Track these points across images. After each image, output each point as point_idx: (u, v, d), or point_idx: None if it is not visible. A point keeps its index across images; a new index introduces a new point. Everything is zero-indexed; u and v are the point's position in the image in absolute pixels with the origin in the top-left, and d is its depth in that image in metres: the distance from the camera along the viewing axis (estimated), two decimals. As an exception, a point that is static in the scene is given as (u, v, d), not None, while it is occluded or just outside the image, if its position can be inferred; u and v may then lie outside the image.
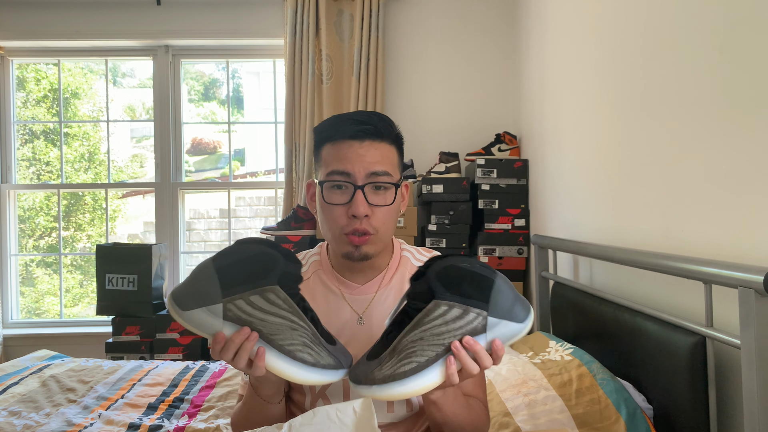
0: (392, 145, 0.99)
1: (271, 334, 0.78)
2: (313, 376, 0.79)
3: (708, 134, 1.33)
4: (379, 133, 0.96)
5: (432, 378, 0.79)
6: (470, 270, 0.80)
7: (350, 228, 0.94)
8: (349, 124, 0.95)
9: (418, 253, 1.11)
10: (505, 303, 0.80)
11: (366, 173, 0.93)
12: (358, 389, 0.80)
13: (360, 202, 0.92)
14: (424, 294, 0.81)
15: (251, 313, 0.77)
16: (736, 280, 1.08)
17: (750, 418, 1.06)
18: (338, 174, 0.94)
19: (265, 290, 0.77)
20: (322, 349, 0.81)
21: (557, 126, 2.39)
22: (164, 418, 1.67)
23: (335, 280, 1.04)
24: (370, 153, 0.94)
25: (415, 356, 0.78)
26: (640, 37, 1.66)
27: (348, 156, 0.94)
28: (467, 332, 0.79)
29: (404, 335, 0.80)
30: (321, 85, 3.02)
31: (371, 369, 0.80)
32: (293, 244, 2.72)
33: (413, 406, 1.04)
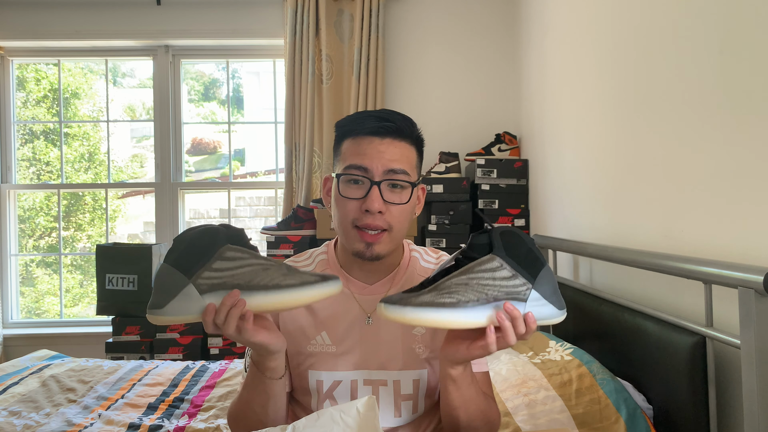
0: (412, 146, 0.98)
1: (249, 281, 0.80)
2: (306, 293, 0.81)
3: (708, 134, 1.33)
4: (400, 131, 0.95)
5: (468, 317, 0.80)
6: (528, 245, 0.84)
7: (362, 222, 0.93)
8: (371, 120, 0.95)
9: (426, 254, 1.10)
10: (548, 287, 0.85)
11: (384, 170, 0.93)
12: (389, 309, 0.80)
13: (375, 198, 0.92)
14: (483, 248, 0.83)
15: (220, 276, 0.79)
16: (736, 280, 1.08)
17: (750, 418, 1.06)
18: (356, 168, 0.93)
19: (220, 252, 0.80)
20: (303, 273, 0.83)
21: (557, 126, 2.39)
22: (164, 418, 1.67)
23: (344, 279, 1.03)
24: (390, 150, 0.94)
25: (457, 294, 0.80)
26: (640, 37, 1.66)
27: (367, 151, 0.93)
28: (510, 294, 0.82)
29: (451, 277, 0.81)
30: (321, 85, 3.02)
31: (407, 296, 0.81)
32: (293, 244, 2.72)
33: (419, 408, 1.04)
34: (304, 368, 1.01)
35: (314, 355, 1.00)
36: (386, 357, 1.00)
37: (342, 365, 1.00)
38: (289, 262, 1.08)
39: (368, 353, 1.00)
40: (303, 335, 1.01)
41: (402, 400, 1.02)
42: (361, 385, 1.01)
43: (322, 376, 1.00)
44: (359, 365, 1.00)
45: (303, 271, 0.83)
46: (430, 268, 1.07)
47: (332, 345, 1.00)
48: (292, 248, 2.72)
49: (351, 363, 1.00)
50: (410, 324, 0.80)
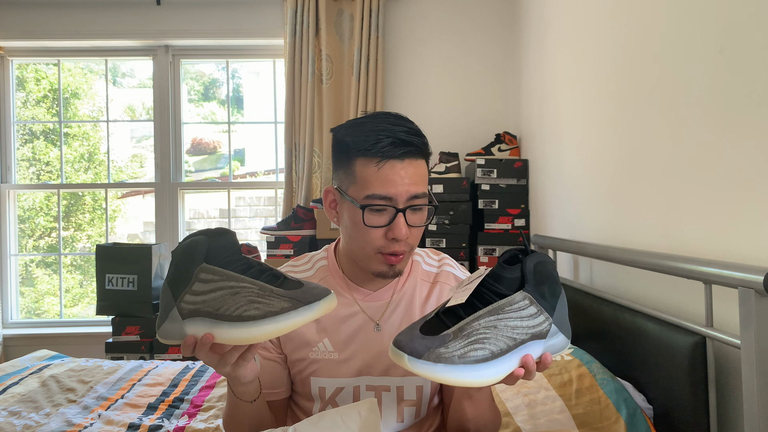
0: (424, 159, 0.95)
1: (216, 310, 0.75)
2: (267, 328, 0.74)
3: (708, 134, 1.33)
4: (418, 151, 0.92)
5: (501, 370, 0.74)
6: (553, 273, 0.79)
7: (389, 249, 0.91)
8: (389, 142, 0.89)
9: (428, 257, 1.09)
10: (563, 315, 0.80)
11: (408, 197, 0.90)
12: (414, 363, 0.71)
13: (402, 226, 0.90)
14: (513, 281, 0.77)
15: (195, 300, 0.76)
16: (736, 280, 1.08)
17: (750, 418, 1.06)
18: (380, 198, 0.89)
19: (197, 274, 0.77)
20: (273, 298, 0.75)
21: (557, 126, 2.39)
22: (164, 418, 1.67)
23: (346, 287, 1.02)
24: (410, 174, 0.90)
25: (488, 343, 0.73)
26: (640, 36, 1.66)
27: (391, 179, 0.89)
28: (535, 334, 0.77)
29: (475, 318, 0.74)
30: (321, 85, 3.02)
31: (434, 345, 0.72)
32: (293, 244, 2.72)
33: (421, 412, 1.03)
34: (306, 375, 1.01)
35: (316, 362, 0.99)
36: (389, 363, 0.99)
37: (344, 372, 0.99)
38: (286, 267, 1.07)
39: (372, 359, 0.99)
40: (305, 342, 1.00)
41: (405, 405, 1.01)
42: (363, 391, 1.00)
43: (324, 382, 1.00)
44: (362, 371, 0.99)
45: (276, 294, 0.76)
46: (432, 271, 1.07)
47: (334, 352, 0.99)
48: (292, 248, 2.72)
49: (354, 369, 0.99)
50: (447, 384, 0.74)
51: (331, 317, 1.00)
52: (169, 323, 0.78)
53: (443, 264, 1.08)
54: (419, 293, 1.03)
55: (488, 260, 2.71)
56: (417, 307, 1.02)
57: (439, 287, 1.05)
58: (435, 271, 1.07)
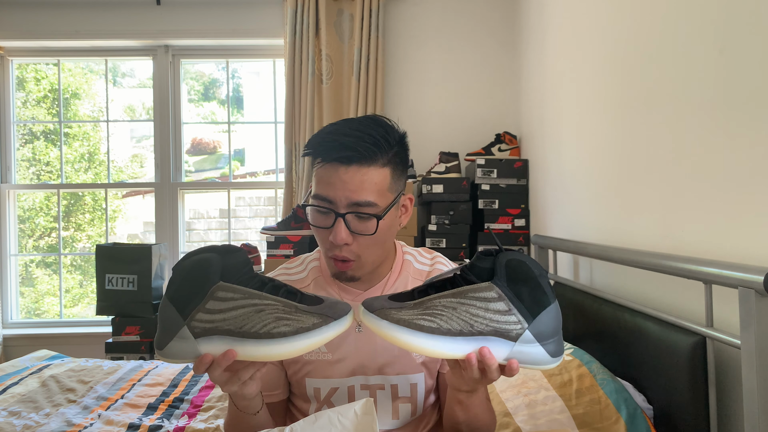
0: (385, 167, 0.91)
1: (240, 328, 0.74)
2: (300, 344, 0.75)
3: (708, 134, 1.33)
4: (367, 157, 0.88)
5: (442, 348, 0.74)
6: (537, 279, 0.77)
7: (332, 252, 0.92)
8: (335, 146, 0.88)
9: (420, 255, 1.09)
10: (547, 329, 0.77)
11: (347, 202, 0.88)
12: (366, 316, 0.76)
13: (340, 231, 0.88)
14: (484, 272, 0.77)
15: (212, 319, 0.74)
16: (736, 280, 1.08)
17: (750, 418, 1.06)
18: (321, 199, 0.90)
19: (213, 291, 0.75)
20: (301, 314, 0.76)
21: (557, 126, 2.39)
22: (164, 418, 1.67)
23: (336, 287, 1.02)
24: (354, 180, 0.87)
25: (439, 319, 0.74)
26: (640, 37, 1.66)
27: (331, 182, 0.88)
28: (498, 331, 0.76)
29: (439, 297, 0.76)
30: (321, 85, 3.02)
31: (389, 306, 0.76)
32: (293, 244, 2.72)
33: (417, 409, 1.03)
34: (300, 376, 1.01)
35: (311, 363, 1.00)
36: (383, 362, 0.99)
37: (338, 372, 0.99)
38: (280, 270, 1.07)
39: (364, 359, 0.99)
40: None
41: (400, 403, 1.02)
42: (358, 390, 1.00)
43: (319, 383, 1.00)
44: (356, 371, 1.00)
45: (301, 312, 0.76)
46: (425, 269, 1.06)
47: (328, 353, 1.00)
48: (292, 248, 2.71)
49: (347, 369, 1.00)
50: (385, 339, 0.76)
51: None
52: (178, 342, 0.75)
53: (435, 262, 1.08)
54: None
55: (488, 260, 2.71)
56: None
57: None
58: (427, 269, 1.06)
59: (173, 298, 0.76)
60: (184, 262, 0.77)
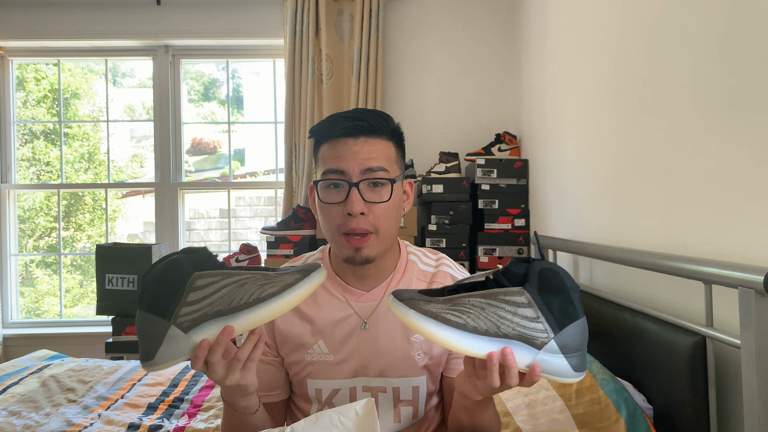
0: (389, 141, 0.96)
1: (229, 304, 0.76)
2: (290, 298, 0.77)
3: (708, 134, 1.33)
4: (373, 128, 0.93)
5: (465, 344, 0.75)
6: (568, 292, 0.77)
7: (347, 227, 0.91)
8: (342, 121, 0.93)
9: (425, 256, 1.08)
10: (573, 343, 0.77)
11: (360, 170, 0.91)
12: (395, 305, 0.78)
13: (356, 200, 0.90)
14: (517, 277, 0.78)
15: (198, 308, 0.76)
16: (736, 280, 1.08)
17: (750, 418, 1.06)
18: (333, 173, 0.92)
19: (190, 284, 0.76)
20: (281, 275, 0.79)
21: (557, 126, 2.39)
22: (164, 418, 1.67)
23: (339, 287, 1.02)
24: (365, 149, 0.92)
25: (467, 316, 0.76)
26: (640, 36, 1.66)
27: (342, 153, 0.92)
28: (524, 336, 0.76)
29: (469, 296, 0.77)
30: (321, 85, 3.02)
31: (419, 298, 0.78)
32: (293, 244, 2.72)
33: (419, 412, 1.03)
34: (302, 377, 1.01)
35: (312, 364, 0.99)
36: (385, 364, 0.99)
37: (340, 373, 0.99)
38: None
39: (367, 360, 0.99)
40: (300, 344, 1.00)
41: (402, 406, 1.01)
42: (360, 392, 1.00)
43: (320, 384, 1.00)
44: (358, 373, 0.99)
45: (281, 271, 0.80)
46: (430, 271, 1.05)
47: (330, 354, 0.99)
48: (292, 248, 2.72)
49: (349, 371, 0.99)
50: (410, 327, 0.77)
51: (326, 319, 1.00)
52: (168, 344, 0.75)
53: (440, 264, 1.07)
54: None
55: (488, 260, 2.71)
56: None
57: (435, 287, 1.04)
58: (432, 271, 1.06)
59: (150, 307, 0.76)
60: (151, 271, 0.78)
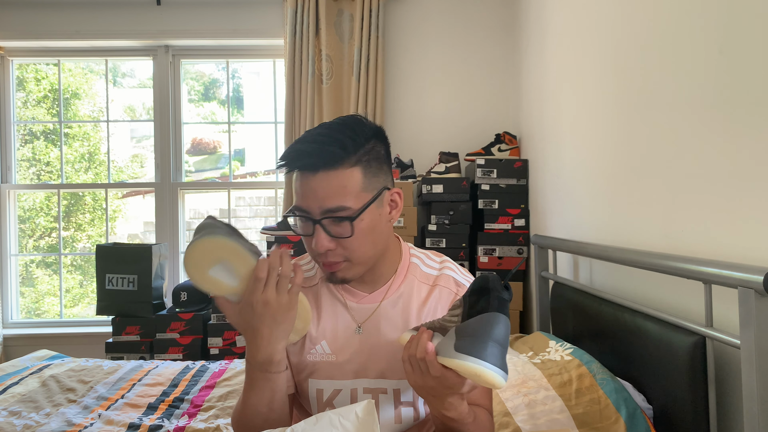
0: (354, 167, 0.89)
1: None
2: None
3: (708, 134, 1.33)
4: (330, 162, 0.88)
5: None
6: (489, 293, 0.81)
7: (318, 259, 0.94)
8: (298, 155, 0.89)
9: (428, 258, 1.07)
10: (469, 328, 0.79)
11: (320, 210, 0.89)
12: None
13: (320, 238, 0.90)
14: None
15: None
16: (736, 280, 1.08)
17: (750, 418, 1.06)
18: (297, 210, 0.92)
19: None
20: None
21: (557, 126, 2.39)
22: (164, 418, 1.67)
23: (341, 289, 1.02)
24: (322, 186, 0.88)
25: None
26: (639, 36, 1.66)
27: (303, 191, 0.90)
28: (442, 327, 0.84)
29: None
30: (321, 85, 3.02)
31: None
32: (293, 244, 2.72)
33: (419, 413, 1.03)
34: (304, 377, 1.01)
35: (314, 364, 1.00)
36: (385, 365, 0.99)
37: (341, 374, 0.99)
38: None
39: (367, 362, 0.99)
40: (303, 344, 1.01)
41: (403, 407, 1.01)
42: (361, 394, 1.00)
43: (322, 384, 1.00)
44: (359, 374, 0.99)
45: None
46: (433, 274, 1.05)
47: (332, 354, 0.99)
48: (292, 248, 2.72)
49: (350, 372, 0.99)
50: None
51: (328, 320, 1.00)
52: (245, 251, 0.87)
53: (444, 267, 1.06)
54: (417, 295, 1.02)
55: (488, 260, 2.71)
56: (414, 309, 1.01)
57: (438, 290, 1.03)
58: (435, 274, 1.05)
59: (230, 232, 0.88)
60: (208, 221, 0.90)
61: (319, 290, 1.03)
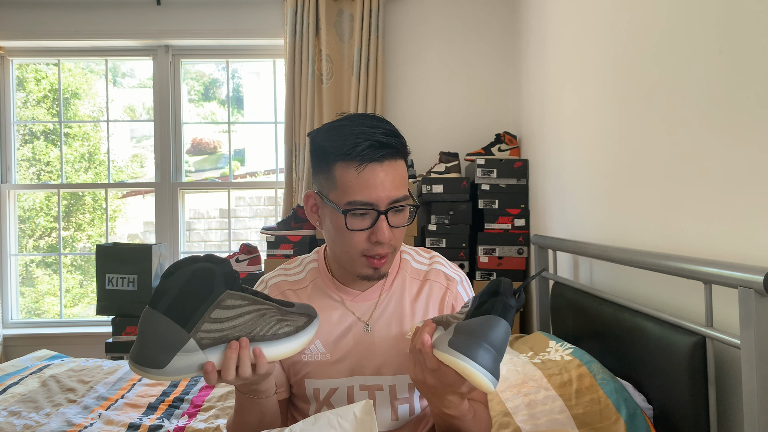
0: (403, 160, 0.95)
1: (250, 332, 0.78)
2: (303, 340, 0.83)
3: (708, 134, 1.33)
4: (398, 153, 0.91)
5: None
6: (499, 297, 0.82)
7: (373, 252, 0.91)
8: (369, 146, 0.87)
9: (417, 254, 1.09)
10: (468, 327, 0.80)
11: (389, 201, 0.89)
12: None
13: (384, 228, 0.89)
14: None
15: (221, 327, 0.76)
16: (736, 280, 1.08)
17: (750, 418, 1.06)
18: (362, 204, 0.88)
19: (221, 300, 0.76)
20: (292, 315, 0.83)
21: (557, 126, 2.39)
22: (164, 418, 1.67)
23: (335, 288, 1.02)
24: (391, 178, 0.89)
25: None
26: (640, 36, 1.66)
27: (372, 184, 0.88)
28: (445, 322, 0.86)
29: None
30: (321, 85, 3.02)
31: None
32: (293, 244, 2.72)
33: (415, 409, 1.03)
34: (300, 377, 1.01)
35: (309, 364, 1.00)
36: (381, 362, 1.00)
37: (337, 372, 1.00)
38: (279, 270, 1.07)
39: (363, 359, 1.00)
40: None
41: (399, 403, 1.02)
42: (357, 391, 1.01)
43: (318, 384, 1.01)
44: (354, 371, 1.00)
45: (290, 312, 0.82)
46: (422, 269, 1.07)
47: (326, 353, 1.00)
48: (292, 248, 2.72)
49: (346, 370, 1.00)
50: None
51: (322, 320, 1.00)
52: (183, 357, 0.73)
53: (433, 262, 1.08)
54: (409, 291, 1.04)
55: (488, 260, 2.71)
56: (407, 305, 1.02)
57: (429, 285, 1.05)
58: (425, 269, 1.06)
59: (169, 311, 0.73)
60: (177, 272, 0.75)
61: (310, 292, 1.03)
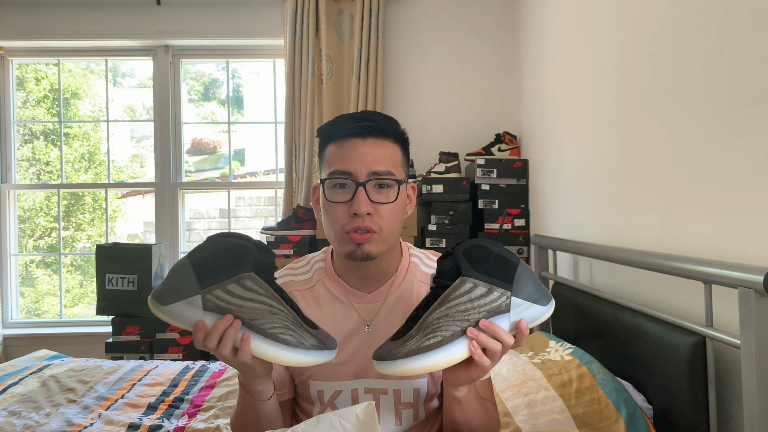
0: (396, 144, 0.96)
1: (252, 320, 0.78)
2: (298, 357, 0.80)
3: (708, 134, 1.33)
4: (382, 130, 0.94)
5: (456, 352, 0.79)
6: (496, 252, 0.82)
7: (351, 225, 0.90)
8: (351, 121, 0.93)
9: (427, 258, 1.08)
10: (528, 287, 0.82)
11: (368, 172, 0.91)
12: (381, 366, 0.79)
13: (362, 200, 0.89)
14: (451, 272, 0.82)
15: (230, 300, 0.78)
16: (736, 280, 1.08)
17: (750, 418, 1.06)
18: (340, 173, 0.91)
19: (242, 278, 0.78)
20: (304, 332, 0.81)
21: (557, 126, 2.39)
22: (164, 418, 1.67)
23: (341, 288, 1.02)
24: (373, 151, 0.92)
25: (440, 331, 0.79)
26: (639, 36, 1.66)
27: (350, 154, 0.91)
28: (491, 310, 0.80)
29: (430, 313, 0.80)
30: (321, 85, 3.02)
31: (395, 346, 0.80)
32: (293, 244, 2.72)
33: (420, 414, 1.03)
34: (304, 378, 1.01)
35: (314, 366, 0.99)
36: None
37: (342, 375, 0.99)
38: (286, 270, 1.07)
39: (367, 362, 0.99)
40: None
41: (403, 408, 1.01)
42: (361, 394, 1.00)
43: (322, 386, 1.00)
44: (359, 374, 0.99)
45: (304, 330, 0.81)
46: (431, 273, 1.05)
47: None
48: (292, 248, 2.72)
49: (351, 372, 0.99)
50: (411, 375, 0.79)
51: (328, 321, 1.00)
52: (184, 306, 0.77)
53: None
54: (417, 294, 1.03)
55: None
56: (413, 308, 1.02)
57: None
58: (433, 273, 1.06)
59: (197, 264, 0.78)
60: (222, 239, 0.80)
61: (318, 291, 1.03)
